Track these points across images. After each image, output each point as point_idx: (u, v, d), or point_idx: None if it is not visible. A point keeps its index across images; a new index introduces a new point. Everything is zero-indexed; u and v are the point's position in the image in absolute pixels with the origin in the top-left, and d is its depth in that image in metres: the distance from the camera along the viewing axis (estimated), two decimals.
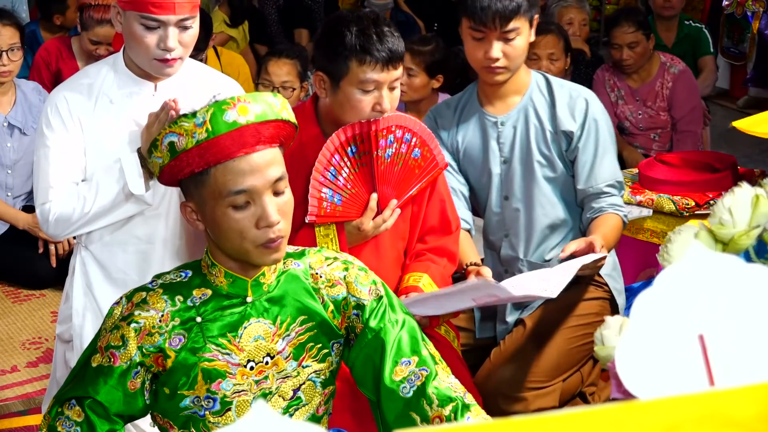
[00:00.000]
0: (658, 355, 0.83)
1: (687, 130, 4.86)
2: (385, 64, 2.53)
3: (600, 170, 2.91)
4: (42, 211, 2.51)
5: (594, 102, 2.94)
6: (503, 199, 2.99)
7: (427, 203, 2.78)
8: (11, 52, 4.25)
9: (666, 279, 0.84)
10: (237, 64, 5.36)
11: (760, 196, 1.68)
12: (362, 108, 2.56)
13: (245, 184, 1.84)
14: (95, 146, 2.53)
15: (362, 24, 2.54)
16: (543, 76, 3.01)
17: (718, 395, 0.72)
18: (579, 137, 2.91)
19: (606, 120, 2.96)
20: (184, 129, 1.82)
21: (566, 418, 0.70)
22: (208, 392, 1.93)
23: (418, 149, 2.69)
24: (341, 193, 2.63)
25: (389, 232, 2.71)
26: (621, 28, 4.82)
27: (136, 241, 2.57)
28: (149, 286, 1.96)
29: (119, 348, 1.90)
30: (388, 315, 2.00)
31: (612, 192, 2.93)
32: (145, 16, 2.40)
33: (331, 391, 2.07)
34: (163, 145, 1.84)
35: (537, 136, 2.93)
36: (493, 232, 3.05)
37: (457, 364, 2.80)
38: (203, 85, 2.61)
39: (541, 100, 2.95)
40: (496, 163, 2.98)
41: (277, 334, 1.96)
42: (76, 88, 2.55)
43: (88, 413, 1.93)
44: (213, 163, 1.83)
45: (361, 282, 2.01)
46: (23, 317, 4.07)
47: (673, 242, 1.70)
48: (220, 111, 1.81)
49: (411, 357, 1.98)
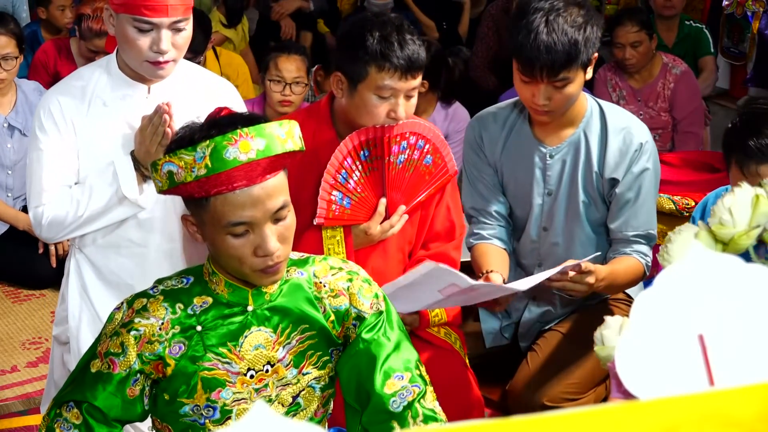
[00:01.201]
0: (658, 355, 0.83)
1: (689, 131, 4.86)
2: (404, 72, 2.50)
3: (633, 220, 2.79)
4: (35, 215, 2.50)
5: (647, 147, 2.77)
6: (542, 229, 2.89)
7: (435, 208, 2.77)
8: (4, 62, 4.23)
9: (666, 279, 0.84)
10: (236, 65, 5.36)
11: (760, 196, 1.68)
12: (377, 114, 2.55)
13: (244, 216, 1.80)
14: (88, 149, 2.51)
15: (385, 30, 2.52)
16: (599, 105, 2.82)
17: (718, 395, 0.72)
18: (622, 184, 2.77)
19: (654, 167, 2.80)
20: (183, 161, 1.76)
21: (566, 418, 0.70)
22: (208, 401, 1.92)
23: (430, 156, 2.68)
24: (351, 197, 2.63)
25: (397, 235, 2.71)
26: (624, 28, 4.82)
27: (129, 243, 2.56)
28: (150, 293, 1.94)
29: (118, 355, 1.89)
30: (383, 330, 1.98)
31: (640, 241, 2.81)
32: (137, 18, 2.39)
33: (330, 394, 2.07)
34: (162, 172, 1.80)
35: (584, 175, 2.79)
36: (526, 257, 2.96)
37: (460, 368, 2.80)
38: (197, 87, 2.60)
39: (594, 138, 2.78)
40: (539, 193, 2.85)
41: (277, 342, 1.94)
42: (69, 91, 2.54)
43: (86, 417, 1.92)
44: (213, 194, 1.80)
45: (364, 294, 1.99)
46: (23, 317, 4.07)
47: (673, 242, 1.70)
48: (221, 147, 1.74)
49: (404, 372, 1.97)
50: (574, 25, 2.57)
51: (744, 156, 2.43)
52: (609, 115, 2.79)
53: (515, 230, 2.97)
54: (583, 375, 2.84)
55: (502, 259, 2.87)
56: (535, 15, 2.57)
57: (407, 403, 1.95)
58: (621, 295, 3.01)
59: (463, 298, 2.62)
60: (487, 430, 0.70)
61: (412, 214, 2.72)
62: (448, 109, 4.57)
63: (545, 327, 3.00)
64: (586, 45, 2.59)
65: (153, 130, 2.41)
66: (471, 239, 2.92)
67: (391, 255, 2.75)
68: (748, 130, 2.40)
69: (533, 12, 2.58)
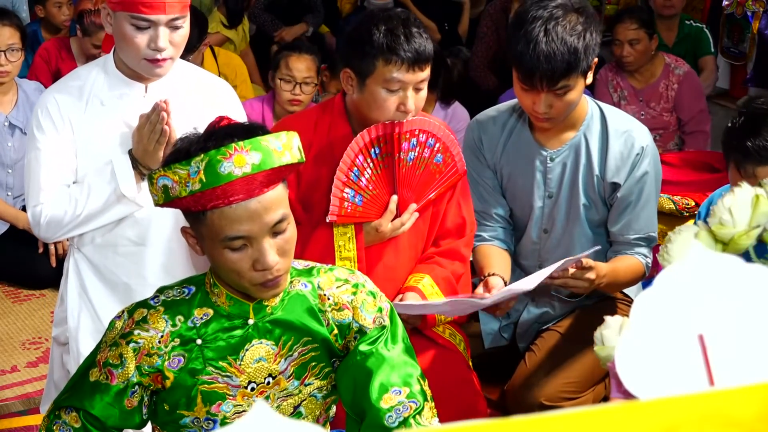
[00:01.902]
0: (658, 355, 0.83)
1: (697, 130, 4.89)
2: (411, 64, 2.51)
3: (635, 223, 2.79)
4: (33, 214, 2.50)
5: (649, 151, 2.76)
6: (542, 231, 2.89)
7: (447, 205, 2.78)
8: (10, 53, 4.24)
9: (666, 279, 0.84)
10: (234, 65, 5.36)
11: (760, 196, 1.68)
12: (387, 107, 2.55)
13: (241, 230, 1.76)
14: (86, 148, 2.51)
15: (391, 24, 2.53)
16: (599, 108, 2.82)
17: (718, 395, 0.72)
18: (623, 188, 2.77)
19: (656, 170, 2.79)
20: (178, 176, 1.73)
21: (566, 418, 0.70)
22: (208, 414, 1.90)
23: (440, 154, 2.69)
24: (363, 194, 2.63)
25: (409, 232, 2.72)
26: (623, 24, 4.84)
27: (127, 242, 2.56)
28: (151, 303, 1.92)
29: (117, 367, 1.88)
30: (384, 343, 1.95)
31: (641, 244, 2.82)
32: (135, 16, 2.39)
33: (333, 399, 2.05)
34: (157, 186, 1.76)
35: (585, 178, 2.79)
36: (527, 258, 2.96)
37: (463, 369, 2.80)
38: (195, 87, 2.60)
39: (594, 141, 2.77)
40: (539, 196, 2.85)
41: (279, 355, 1.92)
42: (66, 90, 2.54)
43: (84, 423, 1.92)
44: (209, 208, 1.76)
45: (367, 309, 1.96)
46: (23, 317, 4.07)
47: (673, 242, 1.70)
48: (216, 161, 1.70)
49: (402, 387, 1.94)
50: (574, 33, 2.55)
51: (741, 157, 2.41)
52: (610, 118, 2.78)
53: (516, 232, 2.97)
54: (582, 374, 2.84)
55: (504, 260, 2.87)
56: (533, 24, 2.56)
57: (403, 419, 1.91)
58: (620, 295, 3.01)
59: (466, 307, 2.66)
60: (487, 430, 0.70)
61: (423, 211, 2.73)
62: (448, 109, 4.57)
63: (543, 327, 3.00)
64: (585, 52, 2.57)
65: (150, 128, 2.42)
66: None
67: (403, 251, 2.75)
68: (746, 130, 2.38)
69: (532, 21, 2.57)
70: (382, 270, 2.72)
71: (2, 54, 4.23)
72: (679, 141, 4.98)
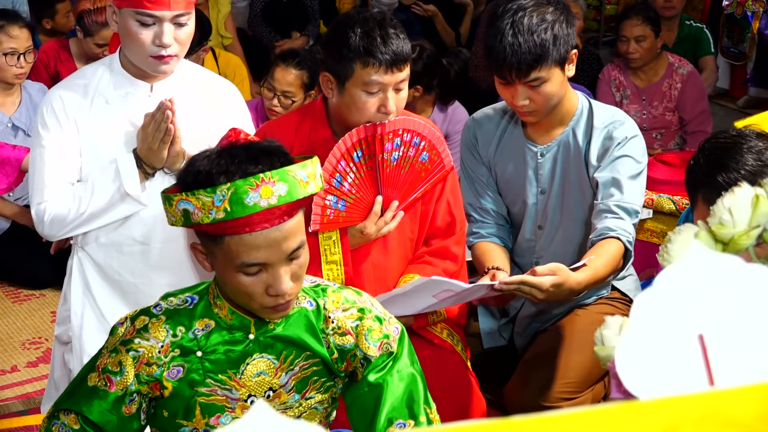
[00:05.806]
0: (658, 355, 0.83)
1: (698, 130, 4.90)
2: (389, 66, 2.50)
3: (616, 192, 2.70)
4: (37, 212, 2.50)
5: (631, 140, 2.71)
6: (537, 228, 2.90)
7: (436, 201, 2.78)
8: (27, 54, 4.27)
9: (666, 279, 0.84)
10: (234, 65, 5.37)
11: (760, 196, 1.68)
12: (367, 109, 2.55)
13: (259, 257, 1.75)
14: (91, 147, 2.52)
15: (367, 26, 2.52)
16: (589, 104, 2.82)
17: (718, 395, 0.72)
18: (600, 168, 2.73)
19: (635, 157, 2.71)
20: (201, 202, 1.69)
21: (566, 418, 0.69)
22: (207, 426, 1.90)
23: (426, 153, 2.68)
24: (345, 199, 2.62)
25: (397, 231, 2.71)
26: (630, 21, 4.88)
27: (131, 242, 2.56)
28: (153, 312, 1.90)
29: (116, 374, 1.87)
30: (391, 371, 1.93)
31: (620, 215, 2.68)
32: (140, 12, 2.40)
33: (333, 407, 2.05)
34: (177, 208, 1.73)
35: (575, 173, 2.79)
36: (523, 255, 2.96)
37: (461, 369, 2.80)
38: (200, 87, 2.61)
39: (581, 135, 2.78)
40: (532, 192, 2.86)
41: (280, 369, 1.91)
42: (72, 88, 2.54)
43: (83, 425, 1.91)
44: (228, 234, 1.74)
45: (372, 336, 1.93)
46: (23, 317, 4.07)
47: (673, 242, 1.70)
48: (242, 192, 1.68)
49: (407, 420, 1.92)
50: (542, 24, 2.57)
51: (713, 192, 2.35)
52: (596, 113, 2.79)
53: (511, 229, 2.98)
54: (580, 374, 2.83)
55: (503, 256, 2.88)
56: (502, 17, 2.59)
57: None
58: (620, 295, 3.01)
59: (455, 298, 2.63)
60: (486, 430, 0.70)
61: (411, 210, 2.72)
62: (447, 110, 4.57)
63: (542, 327, 3.00)
64: (555, 43, 2.58)
65: (155, 127, 2.42)
66: (470, 238, 2.93)
67: (393, 251, 2.74)
68: (713, 165, 2.35)
69: (501, 14, 2.60)
70: (371, 269, 2.71)
71: (21, 56, 4.25)
72: (681, 140, 4.99)
